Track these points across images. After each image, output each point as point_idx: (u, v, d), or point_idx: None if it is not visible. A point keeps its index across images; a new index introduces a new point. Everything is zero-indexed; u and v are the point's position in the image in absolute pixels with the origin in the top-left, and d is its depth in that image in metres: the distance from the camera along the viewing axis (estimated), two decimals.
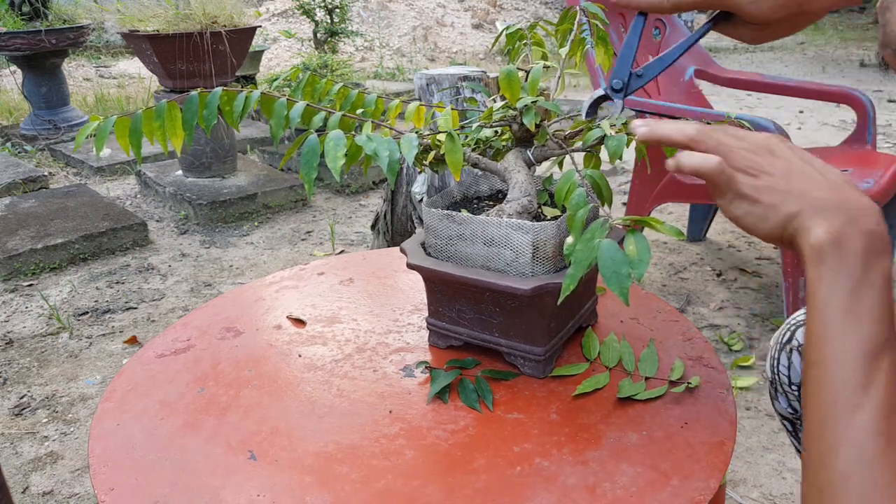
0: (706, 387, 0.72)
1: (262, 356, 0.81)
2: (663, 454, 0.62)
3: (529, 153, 0.75)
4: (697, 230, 2.64)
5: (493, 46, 0.84)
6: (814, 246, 0.50)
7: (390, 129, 0.68)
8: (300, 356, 0.81)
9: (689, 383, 0.71)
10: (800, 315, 0.80)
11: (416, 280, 0.98)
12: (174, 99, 0.67)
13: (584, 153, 0.73)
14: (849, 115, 4.56)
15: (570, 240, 0.59)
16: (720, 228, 2.76)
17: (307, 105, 0.66)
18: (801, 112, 4.77)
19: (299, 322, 0.89)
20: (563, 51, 0.77)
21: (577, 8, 0.76)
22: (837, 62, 7.11)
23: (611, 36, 2.12)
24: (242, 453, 0.65)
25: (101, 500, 0.60)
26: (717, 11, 0.65)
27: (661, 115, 1.98)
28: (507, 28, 0.79)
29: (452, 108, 0.77)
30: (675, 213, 2.87)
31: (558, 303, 0.59)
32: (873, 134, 2.24)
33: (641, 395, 0.69)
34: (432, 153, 0.73)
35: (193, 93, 0.67)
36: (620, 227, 0.56)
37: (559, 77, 0.77)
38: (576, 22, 0.76)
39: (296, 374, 0.77)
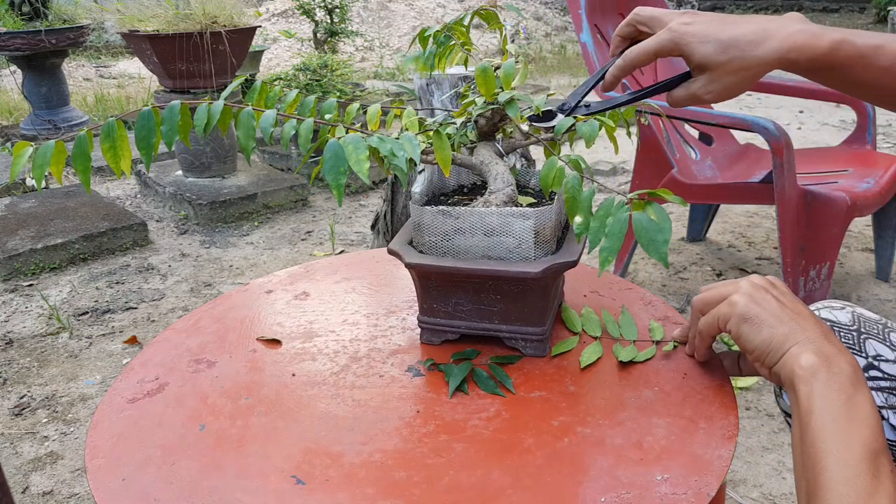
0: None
1: (253, 382, 0.76)
2: (681, 403, 0.67)
3: (499, 145, 0.78)
4: (697, 230, 2.64)
5: (409, 47, 0.86)
6: (805, 367, 0.56)
7: (361, 132, 0.67)
8: (294, 375, 0.76)
9: (675, 341, 0.77)
10: None
11: (376, 285, 0.97)
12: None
13: (544, 145, 0.76)
14: (849, 115, 4.56)
15: (578, 219, 0.63)
16: (720, 228, 2.76)
17: (277, 114, 0.66)
18: (801, 112, 4.77)
19: (274, 342, 0.83)
20: (511, 47, 0.81)
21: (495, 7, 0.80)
22: None
23: (609, 34, 2.12)
24: (286, 480, 0.60)
25: None
26: (662, 83, 0.73)
27: (660, 116, 1.98)
28: (423, 31, 0.82)
29: (415, 109, 0.79)
30: (674, 213, 2.87)
31: (598, 275, 0.65)
32: (873, 134, 2.24)
33: (639, 357, 0.75)
34: None
35: (146, 108, 0.64)
36: (636, 200, 0.61)
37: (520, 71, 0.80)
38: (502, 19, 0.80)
39: (299, 393, 0.73)
